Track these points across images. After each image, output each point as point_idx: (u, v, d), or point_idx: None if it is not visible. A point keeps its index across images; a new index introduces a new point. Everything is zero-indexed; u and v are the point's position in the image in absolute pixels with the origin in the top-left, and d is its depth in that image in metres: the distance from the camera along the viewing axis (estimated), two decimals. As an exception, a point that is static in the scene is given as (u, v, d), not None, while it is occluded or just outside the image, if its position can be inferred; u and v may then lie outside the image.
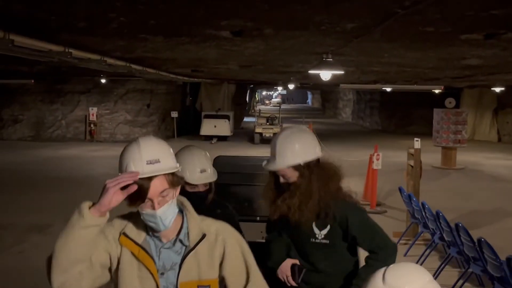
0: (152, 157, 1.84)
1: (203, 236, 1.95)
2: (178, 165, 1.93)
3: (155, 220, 1.85)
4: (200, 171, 2.82)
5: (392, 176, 11.16)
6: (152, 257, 1.91)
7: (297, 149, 2.63)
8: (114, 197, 1.75)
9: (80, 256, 1.80)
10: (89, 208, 1.77)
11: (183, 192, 2.06)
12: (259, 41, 6.55)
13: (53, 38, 6.07)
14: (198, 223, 1.99)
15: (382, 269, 1.46)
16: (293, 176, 2.63)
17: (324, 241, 2.68)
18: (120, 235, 1.93)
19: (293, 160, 2.61)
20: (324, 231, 2.68)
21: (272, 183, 2.73)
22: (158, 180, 1.82)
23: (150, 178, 1.80)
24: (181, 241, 1.96)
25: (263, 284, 2.05)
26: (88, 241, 1.78)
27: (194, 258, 1.93)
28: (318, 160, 2.69)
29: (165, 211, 1.85)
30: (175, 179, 1.88)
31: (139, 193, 1.79)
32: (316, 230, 2.69)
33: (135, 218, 1.94)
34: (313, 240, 2.70)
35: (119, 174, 1.84)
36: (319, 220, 2.66)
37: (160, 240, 1.94)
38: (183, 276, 1.92)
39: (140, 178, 1.78)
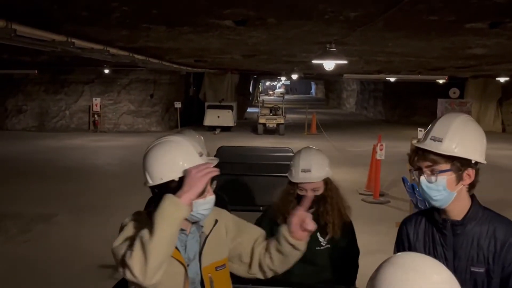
0: (200, 150, 2.02)
1: (216, 222, 2.09)
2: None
3: (210, 206, 1.98)
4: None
5: (395, 166, 11.13)
6: (179, 251, 1.99)
7: (327, 161, 2.82)
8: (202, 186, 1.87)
9: None
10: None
11: None
12: (262, 30, 6.53)
13: (56, 27, 6.06)
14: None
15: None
16: (321, 189, 2.76)
17: (327, 246, 2.80)
18: None
19: (326, 173, 2.77)
20: (327, 238, 2.80)
21: (294, 195, 2.78)
22: None
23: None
24: (198, 229, 2.06)
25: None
26: None
27: (209, 243, 2.05)
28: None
29: (213, 197, 2.00)
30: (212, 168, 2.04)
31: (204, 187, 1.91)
32: (320, 238, 2.79)
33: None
34: (318, 248, 2.79)
35: (160, 176, 1.90)
36: (320, 227, 2.72)
37: (185, 233, 2.03)
38: (204, 262, 2.03)
39: None
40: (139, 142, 16.47)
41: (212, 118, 21.14)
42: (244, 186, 5.26)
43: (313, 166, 2.72)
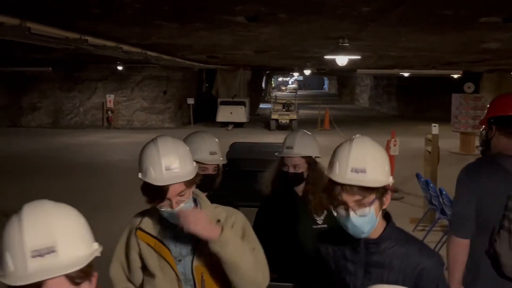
0: (171, 164, 1.90)
1: (217, 221, 2.03)
2: (195, 165, 2.02)
3: (172, 218, 1.95)
4: (210, 153, 2.88)
5: (409, 162, 11.07)
6: (167, 247, 2.01)
7: (313, 143, 3.02)
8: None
9: None
10: None
11: None
12: (274, 26, 6.51)
13: (69, 25, 6.10)
14: (212, 210, 2.08)
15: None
16: (303, 167, 2.96)
17: (323, 226, 2.92)
18: (136, 230, 2.05)
19: (308, 152, 2.96)
20: (322, 217, 2.95)
21: (278, 169, 3.06)
22: (176, 184, 1.91)
23: (166, 186, 1.90)
24: None
25: (262, 255, 2.09)
26: None
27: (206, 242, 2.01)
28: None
29: (182, 209, 1.94)
30: (191, 180, 1.97)
31: (158, 194, 1.90)
32: (316, 217, 2.96)
33: (151, 213, 2.06)
34: (315, 226, 2.92)
35: (139, 174, 1.95)
36: (313, 206, 2.95)
37: (177, 228, 2.01)
38: (197, 260, 2.01)
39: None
40: (152, 138, 16.50)
41: (224, 114, 21.16)
42: (258, 182, 5.25)
43: (296, 145, 2.95)
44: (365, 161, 1.86)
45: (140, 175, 1.94)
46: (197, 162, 2.64)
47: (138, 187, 1.98)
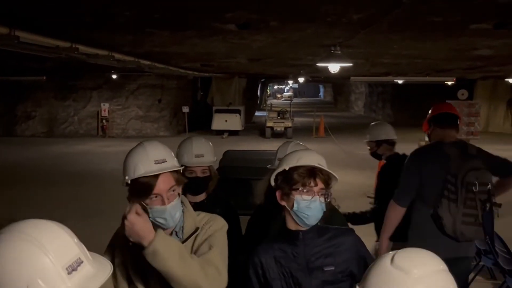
0: (159, 157, 1.98)
1: (196, 229, 2.04)
2: (181, 166, 2.10)
3: (164, 216, 1.93)
4: (196, 155, 2.91)
5: (403, 169, 11.06)
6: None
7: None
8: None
9: None
10: None
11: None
12: (266, 33, 6.51)
13: (60, 33, 6.08)
14: (194, 218, 2.08)
15: (392, 252, 1.40)
16: None
17: None
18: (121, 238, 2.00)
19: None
20: None
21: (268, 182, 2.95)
22: (166, 177, 1.95)
23: (157, 176, 1.93)
24: (176, 234, 2.04)
25: (217, 259, 1.97)
26: None
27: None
28: None
29: (174, 206, 1.95)
30: (180, 178, 2.02)
31: (145, 189, 1.91)
32: None
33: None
34: None
35: (126, 177, 1.98)
36: None
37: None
38: None
39: (147, 176, 1.92)
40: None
41: (220, 122, 21.16)
42: (251, 190, 5.22)
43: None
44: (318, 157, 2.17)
45: (126, 178, 1.95)
46: (183, 165, 2.65)
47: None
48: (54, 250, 1.17)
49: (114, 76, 19.44)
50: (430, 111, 3.71)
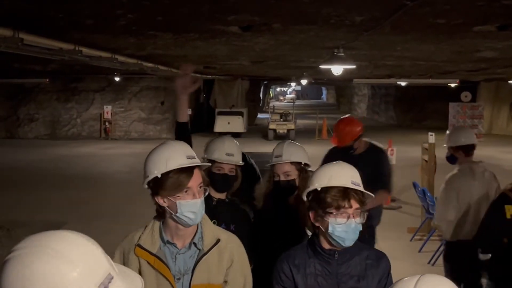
0: (189, 153, 2.05)
1: (217, 241, 2.05)
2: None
3: (195, 209, 1.94)
4: (227, 153, 3.01)
5: (407, 171, 11.03)
6: (167, 265, 1.99)
7: (301, 151, 3.12)
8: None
9: None
10: None
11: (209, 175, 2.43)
12: (268, 36, 6.50)
13: (63, 36, 6.08)
14: (212, 229, 2.10)
15: (416, 277, 1.42)
16: (294, 174, 3.00)
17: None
18: (135, 247, 2.03)
19: (297, 159, 3.02)
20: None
21: (270, 181, 3.09)
22: (196, 173, 2.00)
23: (191, 171, 1.98)
24: (195, 245, 2.04)
25: None
26: None
27: (206, 262, 2.01)
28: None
29: (203, 202, 2.01)
30: (205, 176, 2.10)
31: (179, 183, 1.93)
32: (308, 232, 2.85)
33: (149, 230, 2.05)
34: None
35: (155, 172, 1.98)
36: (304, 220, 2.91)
37: (175, 246, 2.02)
38: (195, 279, 2.00)
39: (180, 169, 1.95)
40: (149, 149, 16.44)
41: (222, 124, 21.16)
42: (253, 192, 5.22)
43: (284, 153, 3.03)
44: (358, 176, 2.14)
45: (155, 172, 1.95)
46: (213, 161, 2.88)
47: (131, 198, 2.01)
48: (84, 267, 1.07)
49: (116, 79, 19.46)
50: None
